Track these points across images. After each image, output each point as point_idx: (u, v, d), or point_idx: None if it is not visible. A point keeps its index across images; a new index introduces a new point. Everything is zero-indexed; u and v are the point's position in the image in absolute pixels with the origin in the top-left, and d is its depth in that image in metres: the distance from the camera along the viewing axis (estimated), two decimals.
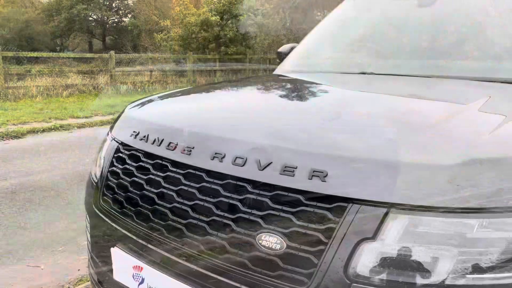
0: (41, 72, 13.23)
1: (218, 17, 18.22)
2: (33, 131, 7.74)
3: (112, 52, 13.99)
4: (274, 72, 2.84)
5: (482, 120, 1.28)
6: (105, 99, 12.56)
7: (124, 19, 41.13)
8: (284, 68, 2.79)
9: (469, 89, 1.73)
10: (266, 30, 21.79)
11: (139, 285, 1.38)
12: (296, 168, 1.15)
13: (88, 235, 1.77)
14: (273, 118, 1.52)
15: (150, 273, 1.34)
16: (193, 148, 1.36)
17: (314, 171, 1.12)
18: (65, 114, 9.55)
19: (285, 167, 1.16)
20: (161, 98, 1.95)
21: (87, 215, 1.76)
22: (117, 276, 1.47)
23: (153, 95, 2.04)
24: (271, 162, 1.19)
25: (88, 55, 16.18)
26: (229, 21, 19.16)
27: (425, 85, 1.88)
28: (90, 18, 39.18)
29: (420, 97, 1.71)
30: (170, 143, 1.44)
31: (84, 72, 15.27)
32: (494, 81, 1.83)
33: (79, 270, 2.94)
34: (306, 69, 2.66)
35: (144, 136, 1.55)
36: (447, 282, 0.97)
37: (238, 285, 1.16)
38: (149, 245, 1.38)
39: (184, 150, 1.38)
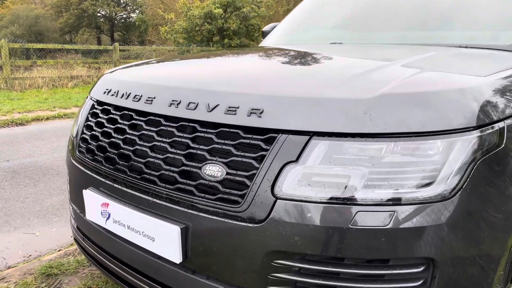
0: (47, 63, 13.47)
1: (221, 9, 18.36)
2: (37, 119, 7.96)
3: (116, 44, 14.21)
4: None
5: (398, 71, 1.48)
6: None
7: (132, 14, 41.50)
8: (265, 43, 2.96)
9: (408, 52, 1.89)
10: (269, 23, 21.90)
11: (106, 220, 1.54)
12: (238, 108, 1.30)
13: (68, 187, 1.94)
14: (226, 71, 1.68)
15: (115, 208, 1.50)
16: (154, 98, 1.52)
17: (252, 109, 1.27)
18: (69, 104, 9.78)
19: (229, 107, 1.32)
20: (136, 65, 2.12)
21: (67, 169, 1.93)
22: (89, 215, 1.63)
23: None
24: (218, 105, 1.34)
25: (93, 47, 16.39)
26: (233, 14, 19.29)
27: (375, 50, 2.04)
28: (99, 14, 39.58)
29: (362, 57, 1.87)
30: (135, 95, 1.60)
31: (89, 65, 15.51)
32: (440, 46, 2.00)
33: (71, 236, 3.12)
34: (284, 42, 2.82)
35: (115, 92, 1.71)
36: (357, 196, 1.12)
37: (185, 209, 1.31)
38: (115, 184, 1.54)
39: (147, 100, 1.54)
